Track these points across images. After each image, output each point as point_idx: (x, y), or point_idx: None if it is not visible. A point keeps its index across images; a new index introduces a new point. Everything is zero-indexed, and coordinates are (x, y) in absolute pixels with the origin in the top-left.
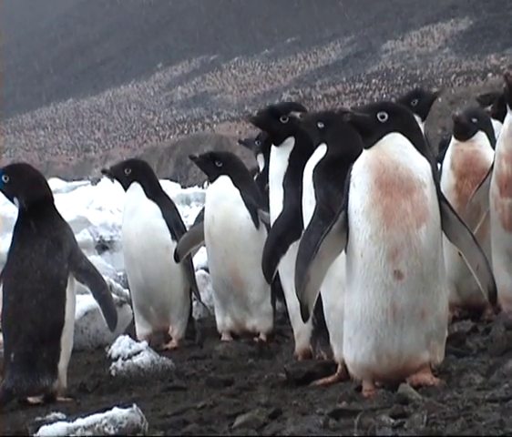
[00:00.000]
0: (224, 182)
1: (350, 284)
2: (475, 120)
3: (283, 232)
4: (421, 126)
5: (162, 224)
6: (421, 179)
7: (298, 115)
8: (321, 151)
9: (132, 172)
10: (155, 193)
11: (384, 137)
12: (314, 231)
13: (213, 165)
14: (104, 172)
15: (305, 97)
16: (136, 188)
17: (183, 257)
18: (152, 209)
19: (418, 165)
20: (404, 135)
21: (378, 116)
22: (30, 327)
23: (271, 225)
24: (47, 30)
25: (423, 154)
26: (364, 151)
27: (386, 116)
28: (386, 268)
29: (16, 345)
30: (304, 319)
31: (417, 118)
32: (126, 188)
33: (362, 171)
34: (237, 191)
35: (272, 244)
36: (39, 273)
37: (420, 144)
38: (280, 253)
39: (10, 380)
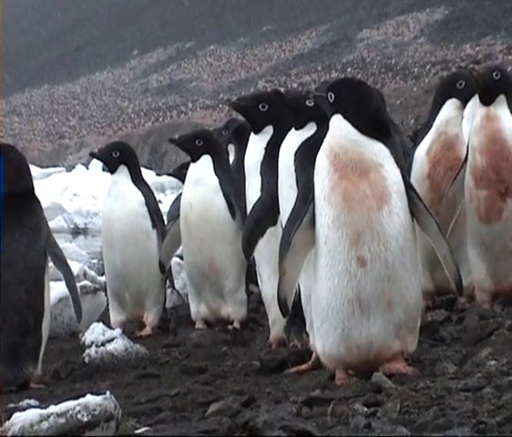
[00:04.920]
0: (205, 165)
1: (316, 273)
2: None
3: (262, 215)
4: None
5: (145, 211)
6: (375, 160)
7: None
8: (292, 136)
9: (120, 155)
10: (139, 179)
11: (331, 120)
12: (298, 217)
13: (194, 144)
14: (92, 155)
15: (280, 86)
16: (123, 171)
17: (168, 265)
18: (137, 196)
19: (369, 147)
20: (346, 118)
21: (328, 96)
22: (16, 318)
23: (249, 210)
24: (22, 16)
25: (370, 136)
26: None
27: (333, 96)
28: (350, 254)
29: (2, 336)
30: (284, 313)
31: None
32: (112, 171)
33: (320, 156)
34: (216, 179)
35: (251, 226)
36: (22, 263)
37: (365, 126)
38: (258, 235)
39: None
